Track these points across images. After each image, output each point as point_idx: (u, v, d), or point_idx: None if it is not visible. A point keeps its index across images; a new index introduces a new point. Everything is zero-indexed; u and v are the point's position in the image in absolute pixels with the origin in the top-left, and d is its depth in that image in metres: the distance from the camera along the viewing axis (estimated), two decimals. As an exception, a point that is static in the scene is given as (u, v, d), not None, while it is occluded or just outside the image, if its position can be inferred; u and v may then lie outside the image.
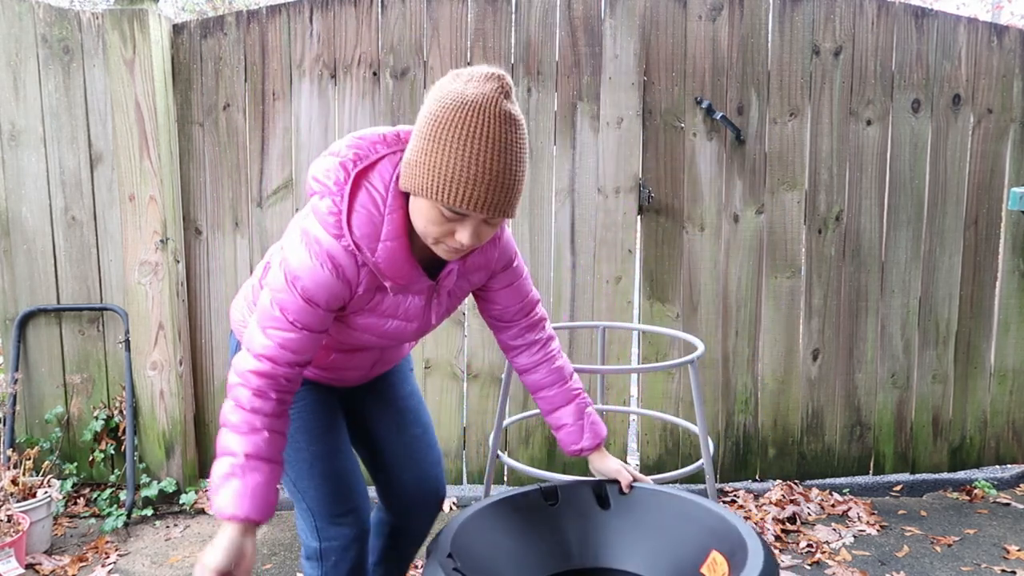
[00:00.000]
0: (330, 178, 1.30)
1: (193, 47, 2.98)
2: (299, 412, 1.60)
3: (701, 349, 2.22)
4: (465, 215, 1.24)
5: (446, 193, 1.20)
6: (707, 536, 1.51)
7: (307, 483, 1.60)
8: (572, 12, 2.95)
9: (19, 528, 2.55)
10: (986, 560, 2.61)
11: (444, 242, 1.29)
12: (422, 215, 1.26)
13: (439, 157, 1.19)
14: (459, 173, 1.19)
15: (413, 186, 1.24)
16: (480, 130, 1.18)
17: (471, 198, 1.20)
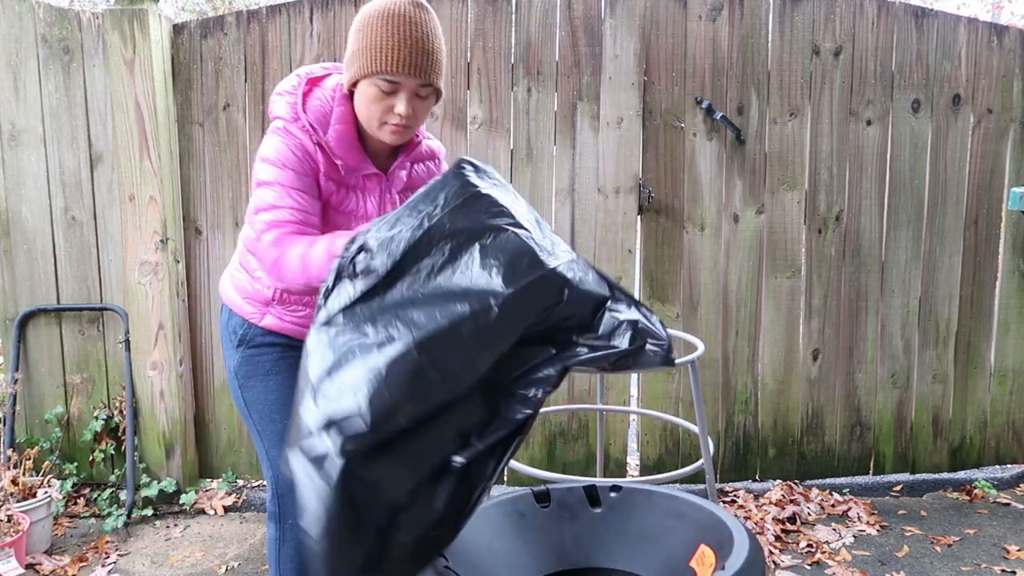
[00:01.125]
0: (287, 85, 1.61)
1: (193, 47, 2.98)
2: (277, 385, 1.71)
3: (701, 349, 2.22)
4: (397, 84, 1.49)
5: (378, 63, 1.47)
6: (696, 531, 1.53)
7: (275, 452, 1.70)
8: (572, 12, 2.95)
9: (19, 528, 2.55)
10: (986, 560, 2.61)
11: (387, 121, 1.53)
12: (364, 99, 1.53)
13: (367, 41, 1.48)
14: (385, 44, 1.47)
15: (352, 75, 1.52)
16: (396, 13, 1.47)
17: (398, 61, 1.46)
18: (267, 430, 1.72)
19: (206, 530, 2.91)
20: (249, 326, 1.73)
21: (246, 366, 1.73)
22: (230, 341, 1.76)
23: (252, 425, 1.76)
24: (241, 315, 1.74)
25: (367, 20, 1.50)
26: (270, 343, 1.72)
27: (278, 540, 1.76)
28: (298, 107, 1.58)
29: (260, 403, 1.72)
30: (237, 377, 1.74)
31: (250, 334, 1.73)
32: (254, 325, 1.73)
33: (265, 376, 1.72)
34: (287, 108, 1.59)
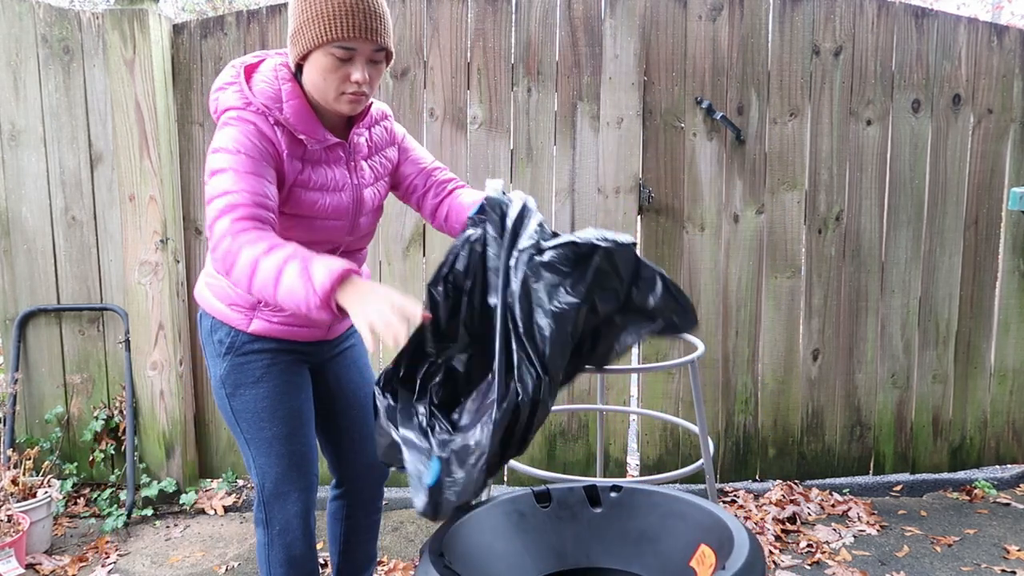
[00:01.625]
0: (226, 77, 1.59)
1: (193, 47, 2.98)
2: (267, 393, 1.69)
3: (701, 349, 2.22)
4: (352, 51, 1.49)
5: (333, 30, 1.46)
6: (696, 531, 1.53)
7: (264, 460, 1.71)
8: (572, 12, 2.95)
9: (19, 528, 2.55)
10: (986, 560, 2.61)
11: (344, 90, 1.52)
12: (318, 71, 1.51)
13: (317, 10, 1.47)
14: (337, 11, 1.46)
15: (302, 48, 1.50)
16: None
17: (353, 27, 1.46)
18: (256, 438, 1.71)
19: (206, 530, 2.91)
20: (236, 333, 1.68)
21: (235, 374, 1.69)
22: (215, 350, 1.71)
23: (239, 433, 1.74)
24: (226, 322, 1.68)
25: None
26: (258, 349, 1.69)
27: (267, 545, 1.77)
28: (246, 93, 1.54)
29: (249, 412, 1.70)
30: (224, 386, 1.71)
31: (238, 341, 1.68)
32: (241, 332, 1.67)
33: (255, 384, 1.69)
34: (235, 97, 1.55)
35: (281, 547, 1.77)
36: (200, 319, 1.75)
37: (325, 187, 1.62)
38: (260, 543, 1.79)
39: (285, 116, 1.54)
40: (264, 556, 1.79)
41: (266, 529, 1.76)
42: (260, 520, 1.77)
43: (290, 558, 1.78)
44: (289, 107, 1.54)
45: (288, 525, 1.74)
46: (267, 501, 1.74)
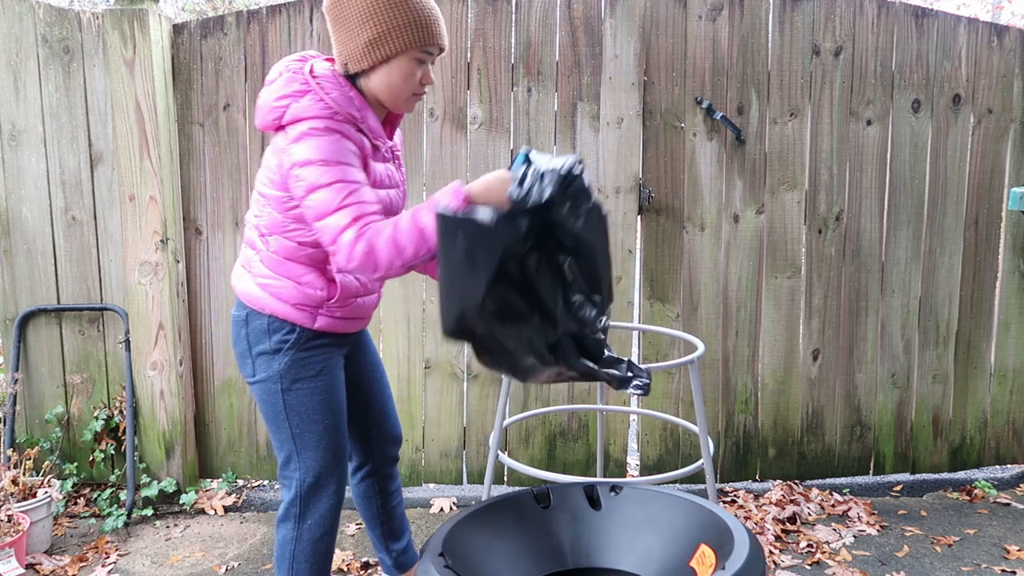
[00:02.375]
0: (294, 85, 1.60)
1: (193, 47, 2.98)
2: (323, 387, 1.75)
3: (701, 349, 2.22)
4: (431, 55, 1.63)
5: (425, 37, 1.59)
6: (696, 531, 1.53)
7: (310, 453, 1.75)
8: (572, 12, 2.95)
9: (19, 528, 2.55)
10: (986, 560, 2.61)
11: (416, 92, 1.65)
12: (399, 75, 1.61)
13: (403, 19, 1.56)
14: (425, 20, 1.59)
15: (389, 52, 1.58)
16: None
17: (436, 34, 1.61)
18: (306, 431, 1.74)
19: (206, 530, 2.91)
20: (301, 330, 1.72)
21: (295, 369, 1.72)
22: (271, 347, 1.72)
23: (287, 428, 1.75)
24: (288, 320, 1.71)
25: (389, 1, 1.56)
26: (318, 345, 1.74)
27: (294, 540, 1.79)
28: (328, 101, 1.58)
29: (304, 405, 1.73)
30: (281, 381, 1.72)
31: (302, 338, 1.72)
32: (305, 328, 1.72)
33: (314, 378, 1.73)
34: (317, 106, 1.57)
35: (309, 542, 1.80)
36: (247, 319, 1.74)
37: (382, 184, 1.70)
38: (286, 538, 1.80)
39: (366, 123, 1.63)
40: (288, 551, 1.80)
41: (297, 524, 1.79)
42: (293, 515, 1.79)
43: (316, 554, 1.82)
44: (368, 114, 1.63)
45: (322, 519, 1.79)
46: (305, 495, 1.77)
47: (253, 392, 1.79)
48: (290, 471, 1.78)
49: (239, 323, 1.76)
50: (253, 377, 1.76)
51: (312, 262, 1.69)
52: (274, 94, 1.62)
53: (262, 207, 1.69)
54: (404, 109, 1.69)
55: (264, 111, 1.63)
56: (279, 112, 1.60)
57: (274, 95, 1.62)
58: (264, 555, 2.71)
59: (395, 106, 1.67)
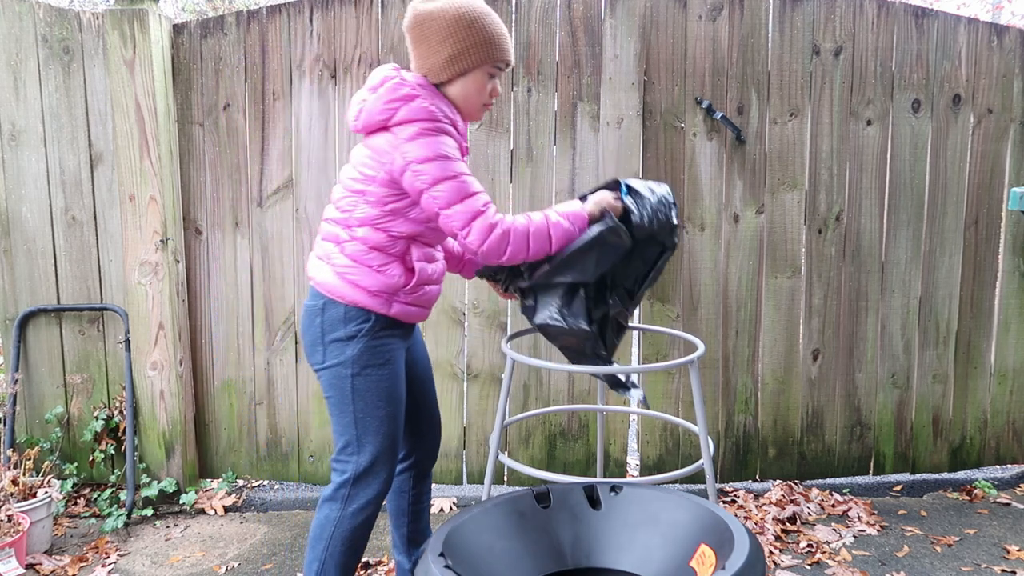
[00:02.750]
0: (403, 90, 1.75)
1: (193, 47, 2.98)
2: (390, 374, 1.86)
3: (701, 349, 2.22)
4: (500, 69, 1.83)
5: (500, 53, 1.80)
6: (696, 531, 1.53)
7: (370, 438, 1.85)
8: (572, 12, 2.95)
9: (19, 528, 2.56)
10: (986, 560, 2.61)
11: (486, 102, 1.85)
12: (474, 86, 1.81)
13: (483, 36, 1.77)
14: (500, 38, 1.80)
15: (467, 66, 1.78)
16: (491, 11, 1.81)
17: (508, 51, 1.82)
18: (370, 416, 1.84)
19: (206, 530, 2.91)
20: (377, 317, 1.84)
21: (366, 356, 1.83)
22: (343, 334, 1.83)
23: (351, 412, 1.85)
24: (365, 307, 1.82)
25: (470, 20, 1.76)
26: (390, 334, 1.86)
27: (336, 521, 1.87)
28: (434, 106, 1.76)
29: (372, 390, 1.84)
30: (352, 366, 1.83)
31: (376, 325, 1.84)
32: (381, 316, 1.84)
33: (383, 365, 1.85)
34: (428, 111, 1.74)
35: (350, 526, 1.87)
36: (323, 308, 1.85)
37: None
38: (328, 518, 1.88)
39: (460, 126, 1.83)
40: (329, 531, 1.87)
41: (343, 506, 1.87)
42: (341, 496, 1.87)
43: (353, 539, 1.89)
44: (456, 117, 1.82)
45: (367, 504, 1.87)
46: (357, 478, 1.86)
47: (320, 379, 1.89)
48: (347, 455, 1.87)
49: (314, 312, 1.86)
50: (323, 364, 1.86)
51: (397, 253, 1.83)
52: (383, 98, 1.76)
53: (353, 203, 1.82)
54: (475, 117, 1.88)
55: (373, 113, 1.77)
56: (389, 114, 1.75)
57: (384, 99, 1.76)
58: (264, 555, 2.71)
59: (469, 114, 1.86)
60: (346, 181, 1.84)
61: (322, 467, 3.19)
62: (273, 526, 2.94)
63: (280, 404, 3.16)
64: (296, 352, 3.12)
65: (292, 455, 3.18)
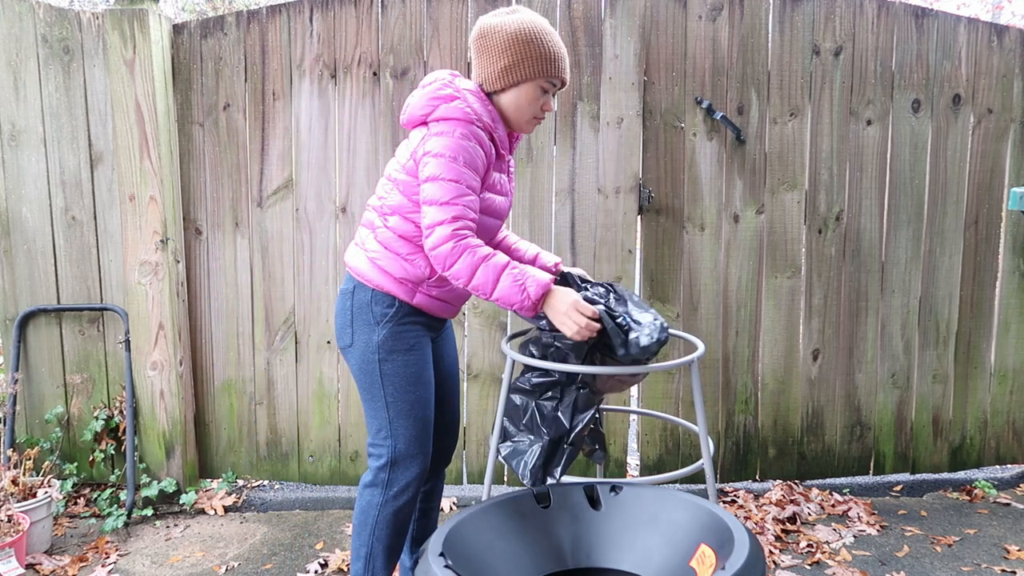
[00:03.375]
0: (446, 91, 1.82)
1: (193, 47, 2.98)
2: (417, 360, 1.91)
3: (701, 349, 2.21)
4: (554, 85, 1.88)
5: (553, 69, 1.85)
6: (696, 531, 1.53)
7: (402, 422, 1.90)
8: (572, 12, 2.95)
9: (19, 528, 2.55)
10: (986, 560, 2.61)
11: (536, 115, 1.90)
12: (525, 99, 1.86)
13: (539, 52, 1.82)
14: (555, 54, 1.85)
15: (519, 78, 1.84)
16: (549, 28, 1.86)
17: (562, 68, 1.87)
18: (399, 400, 1.89)
19: (206, 530, 2.91)
20: (401, 304, 1.89)
21: (391, 340, 1.88)
22: (370, 318, 1.89)
23: (382, 398, 1.90)
24: (390, 293, 1.88)
25: (529, 35, 1.81)
26: (414, 321, 1.91)
27: (379, 506, 1.92)
28: (472, 110, 1.81)
29: (399, 375, 1.89)
30: (379, 351, 1.88)
31: (400, 312, 1.89)
32: (405, 304, 1.89)
33: (408, 351, 1.89)
34: (463, 112, 1.80)
35: (393, 509, 1.92)
36: (354, 291, 1.91)
37: (500, 191, 1.93)
38: (371, 503, 1.93)
39: (499, 134, 1.87)
40: (373, 516, 1.92)
41: (384, 490, 1.91)
42: (381, 481, 1.92)
43: (397, 522, 1.94)
44: (500, 127, 1.87)
45: (407, 487, 1.92)
46: (395, 461, 1.91)
47: (349, 363, 1.94)
48: (381, 439, 1.92)
49: (346, 295, 1.93)
50: (351, 345, 1.92)
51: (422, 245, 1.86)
52: (428, 95, 1.83)
53: (389, 190, 1.89)
54: (525, 130, 1.92)
55: (415, 108, 1.85)
56: (429, 110, 1.82)
57: (428, 96, 1.83)
58: (264, 555, 2.71)
59: (518, 126, 1.91)
60: (388, 171, 1.92)
61: (322, 467, 3.19)
62: (273, 526, 2.94)
63: (280, 404, 3.16)
64: (296, 352, 3.12)
65: (292, 455, 3.18)
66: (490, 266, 1.73)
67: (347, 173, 3.02)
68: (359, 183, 3.02)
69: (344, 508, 3.09)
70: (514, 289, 1.74)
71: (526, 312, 1.77)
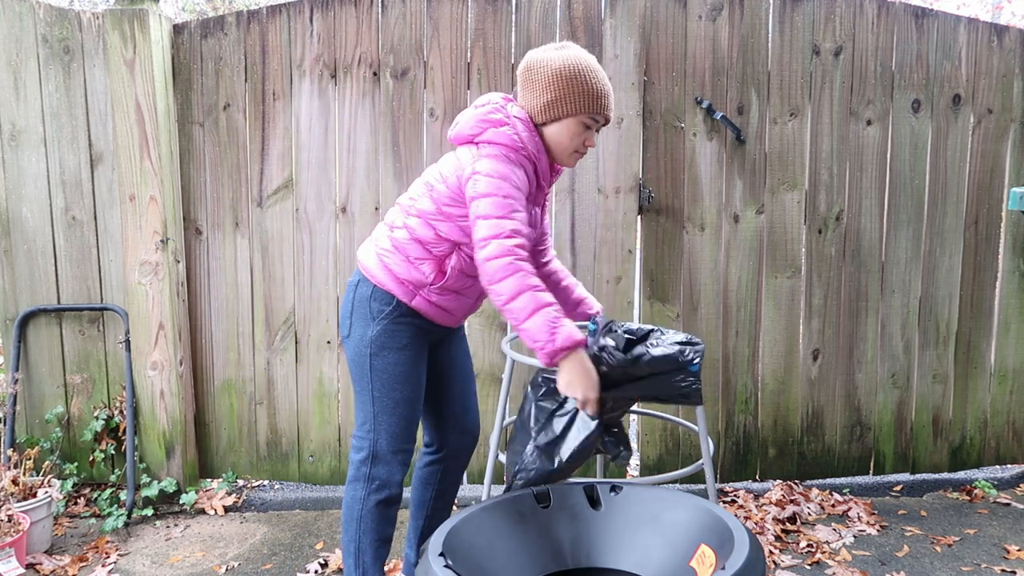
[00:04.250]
0: (497, 115, 1.86)
1: (193, 47, 2.98)
2: (408, 359, 1.93)
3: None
4: (597, 122, 1.88)
5: (595, 106, 1.85)
6: (696, 530, 1.53)
7: (385, 418, 1.93)
8: (572, 12, 2.95)
9: (19, 528, 2.56)
10: (986, 560, 2.61)
11: (577, 150, 1.90)
12: (567, 133, 1.87)
13: (583, 88, 1.84)
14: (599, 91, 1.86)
15: (562, 113, 1.85)
16: (596, 67, 1.87)
17: (604, 106, 1.87)
18: (385, 397, 1.92)
19: (206, 530, 2.91)
20: (397, 303, 1.91)
21: (384, 337, 1.91)
22: (367, 313, 1.92)
23: (369, 391, 1.93)
24: (390, 292, 1.91)
25: (574, 71, 1.83)
26: (411, 322, 1.93)
27: (362, 500, 1.95)
28: (519, 138, 1.84)
29: (388, 372, 1.91)
30: (371, 346, 1.91)
31: (397, 311, 1.91)
32: (403, 304, 1.92)
33: (400, 349, 1.92)
34: (511, 139, 1.84)
35: (376, 501, 1.95)
36: (358, 285, 1.95)
37: (531, 223, 1.92)
38: (354, 499, 1.96)
39: (542, 166, 1.90)
40: (357, 511, 1.96)
41: (366, 484, 1.95)
42: (363, 475, 1.95)
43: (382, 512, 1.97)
44: (543, 158, 1.90)
45: (388, 481, 1.96)
46: (375, 456, 1.94)
47: (345, 351, 1.99)
48: (364, 432, 1.95)
49: (352, 287, 1.97)
50: (348, 336, 1.96)
51: (438, 253, 1.90)
52: (479, 116, 1.87)
53: (421, 194, 1.92)
54: (567, 163, 1.93)
55: (464, 127, 1.89)
56: (478, 131, 1.86)
57: (479, 117, 1.87)
58: (264, 555, 2.71)
59: (560, 159, 1.92)
60: (426, 176, 1.95)
61: (322, 467, 3.19)
62: (273, 526, 2.94)
63: (280, 404, 3.16)
64: (296, 352, 3.12)
65: (292, 455, 3.18)
66: (534, 297, 1.71)
67: (347, 173, 3.02)
68: (359, 183, 3.02)
69: (344, 508, 3.09)
70: (544, 330, 1.70)
71: (543, 357, 1.73)
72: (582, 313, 2.15)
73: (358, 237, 3.03)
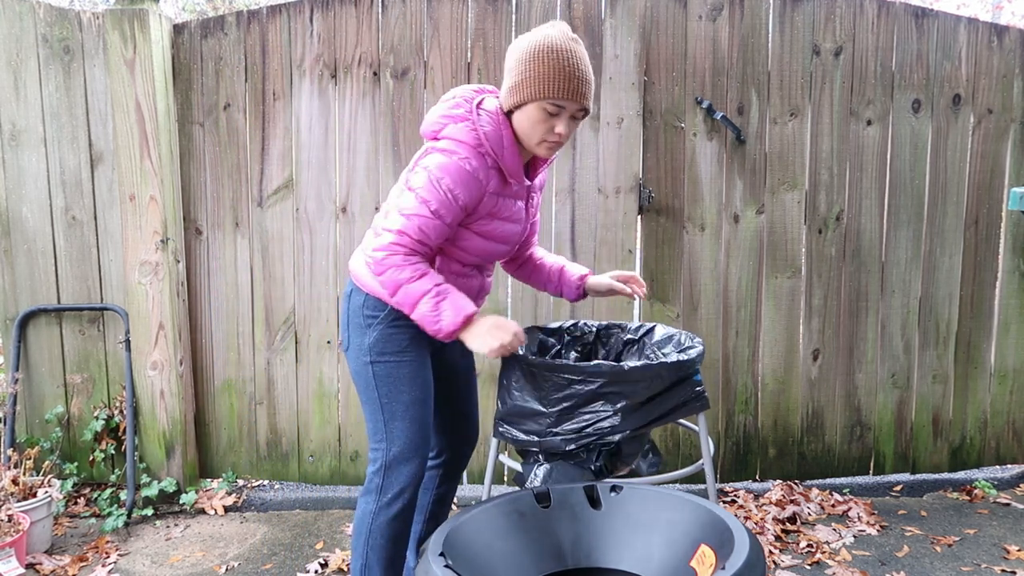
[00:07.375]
0: (458, 110, 1.78)
1: (193, 47, 2.98)
2: (410, 361, 1.88)
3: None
4: (561, 108, 1.72)
5: (549, 90, 1.70)
6: (696, 530, 1.53)
7: (397, 423, 1.88)
8: (572, 12, 2.95)
9: (19, 528, 2.56)
10: (986, 560, 2.61)
11: (546, 139, 1.76)
12: (529, 120, 1.74)
13: (537, 70, 1.70)
14: (554, 74, 1.70)
15: (522, 99, 1.72)
16: (559, 47, 1.71)
17: (565, 89, 1.71)
18: (392, 402, 1.87)
19: (206, 530, 2.91)
20: (390, 308, 1.85)
21: (382, 342, 1.87)
22: (363, 322, 1.88)
23: (376, 398, 1.88)
24: (381, 298, 1.86)
25: (534, 52, 1.70)
26: (404, 325, 1.86)
27: (373, 513, 1.90)
28: (480, 134, 1.75)
29: (391, 377, 1.87)
30: (370, 352, 1.87)
31: (390, 316, 1.86)
32: (395, 308, 1.85)
33: (400, 352, 1.87)
34: (469, 134, 1.75)
35: (387, 517, 1.90)
36: (351, 295, 1.92)
37: (510, 217, 1.86)
38: (365, 511, 1.91)
39: (504, 161, 1.78)
40: (366, 524, 1.91)
41: (378, 496, 1.89)
42: (375, 487, 1.90)
43: (392, 529, 1.91)
44: (508, 152, 1.78)
45: (402, 492, 1.89)
46: (389, 465, 1.88)
47: (348, 364, 1.94)
48: (377, 442, 1.90)
49: (345, 297, 1.94)
50: (348, 348, 1.93)
51: None
52: (440, 112, 1.81)
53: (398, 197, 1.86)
54: (539, 153, 1.81)
55: (428, 123, 1.83)
56: (439, 127, 1.79)
57: (440, 113, 1.81)
58: (264, 555, 2.71)
59: (529, 147, 1.81)
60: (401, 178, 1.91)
61: (322, 467, 3.19)
62: (273, 526, 2.94)
63: (280, 404, 3.16)
64: (296, 352, 3.12)
65: (292, 455, 3.19)
66: (409, 290, 1.69)
67: (347, 173, 3.02)
68: (359, 183, 3.02)
69: (344, 508, 3.09)
70: (430, 316, 1.69)
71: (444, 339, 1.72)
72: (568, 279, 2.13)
73: (358, 237, 3.03)
